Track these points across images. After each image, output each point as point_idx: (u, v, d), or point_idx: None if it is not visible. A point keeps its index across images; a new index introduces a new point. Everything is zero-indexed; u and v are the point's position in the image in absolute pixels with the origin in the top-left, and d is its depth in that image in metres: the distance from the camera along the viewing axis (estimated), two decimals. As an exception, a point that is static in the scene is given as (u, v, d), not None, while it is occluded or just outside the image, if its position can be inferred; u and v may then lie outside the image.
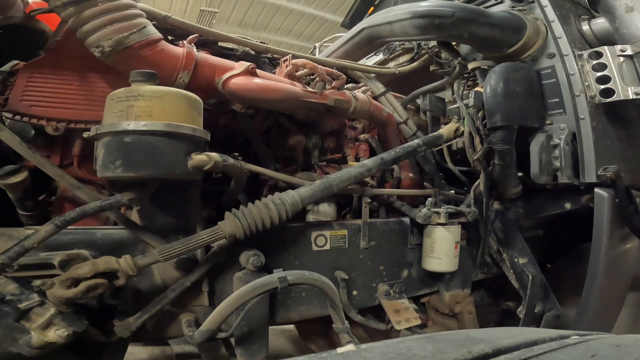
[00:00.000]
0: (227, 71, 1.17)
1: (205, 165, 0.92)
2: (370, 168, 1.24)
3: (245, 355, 1.04)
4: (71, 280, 0.81)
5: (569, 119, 1.39)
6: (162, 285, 1.02)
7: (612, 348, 0.44)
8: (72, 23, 0.97)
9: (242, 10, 7.81)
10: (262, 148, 1.40)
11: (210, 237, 0.94)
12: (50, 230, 0.83)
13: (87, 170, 1.14)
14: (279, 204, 1.04)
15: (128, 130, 0.87)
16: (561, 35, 1.43)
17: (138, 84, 0.91)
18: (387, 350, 0.43)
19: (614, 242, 1.35)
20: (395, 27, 1.50)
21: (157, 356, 2.14)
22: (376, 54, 2.06)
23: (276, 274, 0.98)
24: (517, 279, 1.50)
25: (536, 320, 1.46)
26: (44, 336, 0.78)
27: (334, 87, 1.40)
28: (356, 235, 1.31)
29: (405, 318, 1.29)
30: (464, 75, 1.68)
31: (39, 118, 1.05)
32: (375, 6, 3.07)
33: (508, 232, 1.56)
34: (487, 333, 0.50)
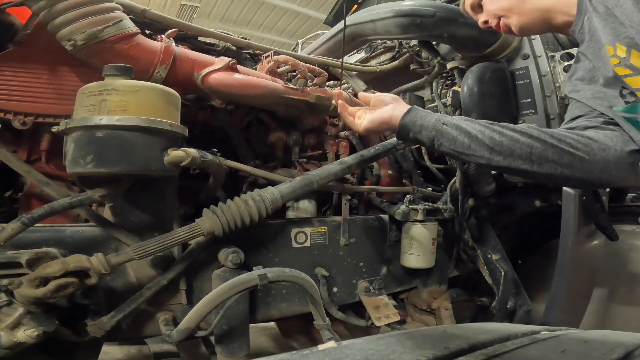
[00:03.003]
0: (207, 66, 1.15)
1: (183, 161, 0.90)
2: (350, 165, 1.24)
3: (225, 353, 1.03)
4: (40, 279, 0.78)
5: (540, 119, 1.44)
6: (137, 283, 1.00)
7: (580, 343, 0.46)
8: (44, 16, 0.93)
9: (224, 5, 7.68)
10: (242, 144, 1.38)
11: (188, 234, 0.92)
12: (16, 228, 0.79)
13: (56, 165, 1.09)
14: (259, 200, 1.03)
15: (100, 124, 0.84)
16: (536, 37, 1.48)
17: (112, 78, 0.88)
18: (367, 347, 0.43)
19: (580, 239, 1.41)
20: (378, 25, 1.51)
21: (133, 355, 2.09)
22: (358, 51, 2.07)
23: (256, 271, 0.97)
24: (491, 275, 1.55)
25: (508, 315, 1.51)
26: (12, 336, 0.75)
27: (316, 84, 1.39)
28: (336, 232, 1.32)
29: (385, 314, 1.31)
30: (443, 74, 1.71)
31: (5, 112, 1.01)
32: (358, 4, 3.09)
33: (482, 229, 1.61)
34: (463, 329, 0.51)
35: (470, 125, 0.89)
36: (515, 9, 1.00)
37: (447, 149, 0.91)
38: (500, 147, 0.85)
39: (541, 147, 0.83)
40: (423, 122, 0.93)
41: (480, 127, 0.88)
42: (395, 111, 0.98)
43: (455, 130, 0.89)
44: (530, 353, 0.42)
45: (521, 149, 0.84)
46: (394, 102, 1.01)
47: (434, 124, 0.92)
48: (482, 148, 0.86)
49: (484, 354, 0.41)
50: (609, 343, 0.46)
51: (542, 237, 1.83)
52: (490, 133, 0.86)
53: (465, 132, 0.88)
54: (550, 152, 0.83)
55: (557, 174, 0.83)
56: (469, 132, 0.88)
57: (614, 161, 0.82)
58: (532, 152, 0.83)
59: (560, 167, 0.83)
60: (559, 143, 0.83)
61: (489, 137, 0.86)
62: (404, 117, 0.95)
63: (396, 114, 0.97)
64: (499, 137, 0.86)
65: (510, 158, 0.85)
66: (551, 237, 1.71)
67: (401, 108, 0.98)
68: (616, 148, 0.83)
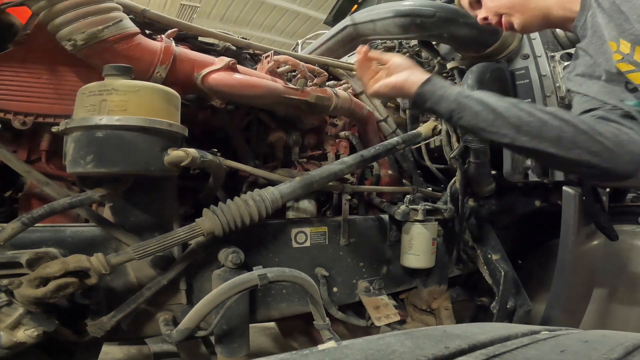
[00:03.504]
0: (207, 66, 1.15)
1: (183, 161, 0.90)
2: (350, 165, 1.24)
3: (225, 353, 1.03)
4: (40, 279, 0.78)
5: (541, 119, 1.43)
6: (137, 283, 1.00)
7: (580, 343, 0.46)
8: (44, 16, 0.93)
9: (225, 5, 7.68)
10: (242, 144, 1.38)
11: (188, 234, 0.92)
12: (16, 228, 0.79)
13: (56, 165, 1.09)
14: (259, 200, 1.03)
15: (100, 124, 0.84)
16: (535, 37, 1.48)
17: (112, 78, 0.88)
18: (367, 347, 0.43)
19: (581, 239, 1.41)
20: (378, 25, 1.51)
21: (133, 355, 2.09)
22: (358, 51, 2.07)
23: (256, 271, 0.97)
24: (491, 275, 1.55)
25: (508, 315, 1.51)
26: (12, 336, 0.75)
27: (316, 84, 1.39)
28: (336, 232, 1.32)
29: (385, 314, 1.31)
30: (443, 74, 1.71)
31: (6, 112, 1.01)
32: (358, 4, 3.08)
33: (482, 229, 1.61)
34: (463, 329, 0.51)
35: (497, 102, 0.85)
36: (518, 7, 0.98)
37: (468, 123, 0.87)
38: (527, 127, 0.81)
39: (572, 132, 0.80)
40: (444, 93, 0.89)
41: (507, 105, 0.84)
42: (412, 77, 0.94)
43: (479, 105, 0.85)
44: (530, 353, 0.42)
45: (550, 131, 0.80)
46: (410, 68, 0.97)
47: (456, 97, 0.88)
48: (508, 126, 0.82)
49: (484, 354, 0.41)
50: (609, 343, 0.46)
51: (542, 237, 1.83)
52: (517, 111, 0.82)
53: (490, 108, 0.84)
54: (582, 137, 0.79)
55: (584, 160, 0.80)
56: (494, 108, 0.84)
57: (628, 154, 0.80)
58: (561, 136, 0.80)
59: (588, 155, 0.80)
60: (590, 130, 0.80)
61: (517, 115, 0.82)
62: (422, 85, 0.91)
63: (413, 80, 0.93)
64: (527, 117, 0.81)
65: (537, 140, 0.81)
66: (551, 237, 1.71)
67: (418, 75, 0.93)
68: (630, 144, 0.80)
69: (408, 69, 0.96)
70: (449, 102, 0.88)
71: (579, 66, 0.95)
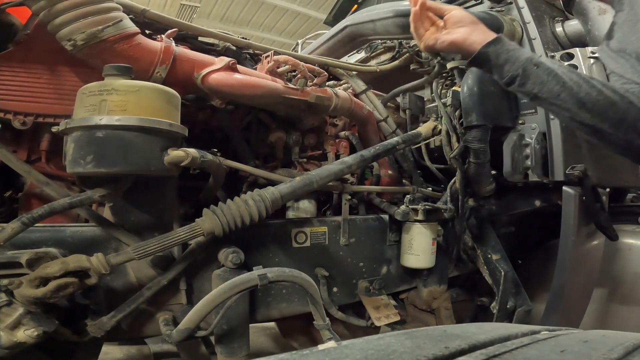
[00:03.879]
0: (207, 66, 1.15)
1: (183, 161, 0.90)
2: (350, 165, 1.24)
3: (225, 353, 1.03)
4: (40, 279, 0.78)
5: (540, 119, 1.43)
6: (137, 283, 1.00)
7: (580, 343, 0.46)
8: (44, 16, 0.93)
9: (224, 5, 7.67)
10: (242, 144, 1.38)
11: (188, 234, 0.92)
12: (16, 228, 0.79)
13: (56, 165, 1.09)
14: (259, 200, 1.03)
15: (100, 124, 0.84)
16: (536, 37, 1.48)
17: (112, 78, 0.88)
18: (367, 347, 0.43)
19: (581, 238, 1.41)
20: (377, 25, 1.51)
21: (133, 355, 2.09)
22: (358, 51, 2.07)
23: (256, 271, 0.97)
24: (491, 275, 1.55)
25: (508, 315, 1.51)
26: (12, 336, 0.75)
27: (316, 84, 1.39)
28: (336, 232, 1.32)
29: (385, 314, 1.31)
30: (443, 74, 1.71)
31: (6, 112, 1.01)
32: (358, 4, 3.08)
33: (482, 229, 1.61)
34: (463, 329, 0.51)
35: (567, 74, 0.83)
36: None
37: (529, 90, 0.86)
38: (593, 105, 0.79)
39: (636, 117, 0.78)
40: (510, 56, 0.87)
41: (577, 79, 0.82)
42: (474, 35, 0.91)
43: (548, 75, 0.83)
44: (530, 353, 0.42)
45: (616, 112, 0.79)
46: (473, 23, 0.93)
47: (524, 62, 0.85)
48: (573, 100, 0.81)
49: (484, 354, 0.41)
50: (609, 343, 0.46)
51: (542, 237, 1.83)
52: (587, 87, 0.80)
53: (558, 80, 0.82)
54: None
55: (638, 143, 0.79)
56: (563, 81, 0.82)
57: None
58: (625, 118, 0.79)
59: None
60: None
61: (586, 91, 0.80)
62: (487, 46, 0.89)
63: (475, 39, 0.90)
64: (596, 95, 0.80)
65: (598, 117, 0.80)
66: (551, 237, 1.71)
67: (482, 34, 0.91)
68: None
69: (470, 25, 0.92)
70: (514, 67, 0.86)
71: (613, 41, 0.90)
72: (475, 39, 0.90)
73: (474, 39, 0.90)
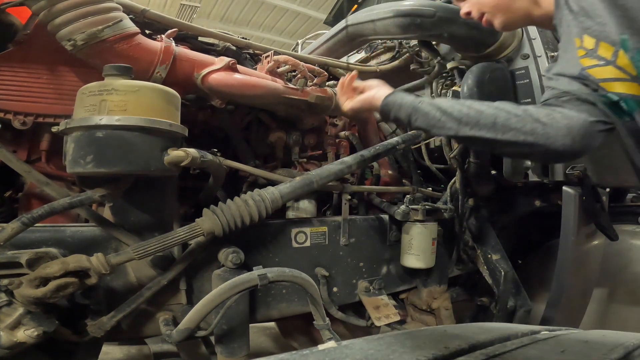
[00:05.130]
0: (207, 66, 1.15)
1: (183, 161, 0.90)
2: (350, 165, 1.24)
3: (225, 353, 1.03)
4: (40, 279, 0.77)
5: (540, 119, 1.43)
6: (137, 283, 1.00)
7: (580, 343, 0.46)
8: (44, 16, 0.93)
9: (224, 5, 7.67)
10: (242, 144, 1.38)
11: (188, 234, 0.92)
12: (16, 228, 0.79)
13: (56, 165, 1.09)
14: (259, 200, 1.03)
15: (100, 124, 0.84)
16: (536, 37, 1.48)
17: (112, 78, 0.88)
18: (367, 347, 0.43)
19: (581, 238, 1.41)
20: (377, 25, 1.51)
21: (133, 355, 2.09)
22: (358, 51, 2.07)
23: (256, 271, 0.97)
24: (491, 275, 1.55)
25: (508, 315, 1.51)
26: (12, 336, 0.75)
27: (316, 84, 1.39)
28: (336, 232, 1.32)
29: (384, 314, 1.31)
30: (443, 74, 1.71)
31: (6, 112, 1.01)
32: (358, 4, 3.08)
33: (482, 229, 1.61)
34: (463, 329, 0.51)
35: (443, 102, 0.98)
36: (502, 7, 1.03)
37: (421, 124, 0.99)
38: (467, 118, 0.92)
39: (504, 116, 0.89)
40: (402, 101, 1.02)
41: (451, 103, 0.97)
42: (378, 93, 1.08)
43: (430, 106, 0.98)
44: (530, 353, 0.42)
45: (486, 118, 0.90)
46: (379, 85, 1.11)
47: (411, 102, 1.01)
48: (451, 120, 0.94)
49: (484, 354, 0.41)
50: (609, 343, 0.46)
51: (542, 237, 1.83)
52: (459, 107, 0.94)
53: (437, 107, 0.96)
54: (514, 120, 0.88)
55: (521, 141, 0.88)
56: (440, 107, 0.96)
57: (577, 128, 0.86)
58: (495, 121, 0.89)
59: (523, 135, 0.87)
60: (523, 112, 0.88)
61: (458, 110, 0.94)
62: (386, 98, 1.05)
63: (379, 95, 1.07)
64: (466, 110, 0.93)
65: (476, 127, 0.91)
66: (551, 237, 1.71)
67: (384, 90, 1.08)
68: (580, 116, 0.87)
69: (377, 87, 1.10)
70: (406, 108, 1.01)
71: (556, 65, 0.99)
72: (379, 95, 1.07)
73: (378, 95, 1.07)
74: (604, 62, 0.85)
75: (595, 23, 0.85)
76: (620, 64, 0.83)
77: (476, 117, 0.91)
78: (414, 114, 0.99)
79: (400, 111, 1.02)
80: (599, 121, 0.88)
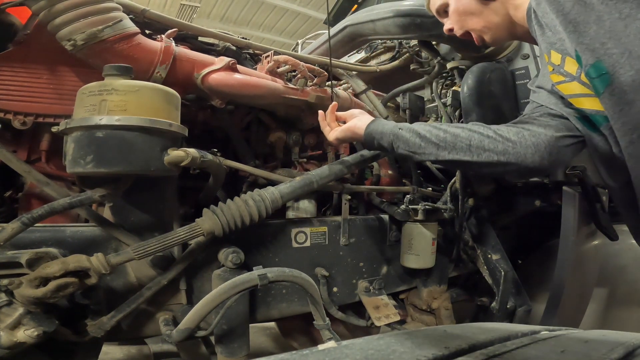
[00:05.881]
0: (207, 66, 1.15)
1: (183, 161, 0.90)
2: (350, 165, 1.24)
3: (225, 353, 1.03)
4: (40, 279, 0.77)
5: (541, 119, 1.43)
6: (137, 283, 1.00)
7: (580, 343, 0.46)
8: (44, 16, 0.92)
9: (224, 5, 7.67)
10: (242, 144, 1.38)
11: (188, 234, 0.92)
12: (16, 228, 0.79)
13: (56, 165, 1.09)
14: (259, 200, 1.03)
15: (100, 124, 0.84)
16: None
17: (112, 78, 0.88)
18: (367, 347, 0.43)
19: (581, 238, 1.41)
20: (377, 25, 1.51)
21: (133, 355, 2.09)
22: (358, 51, 2.07)
23: (256, 271, 0.97)
24: (491, 275, 1.55)
25: (508, 315, 1.51)
26: (12, 336, 0.75)
27: (316, 84, 1.39)
28: (336, 232, 1.32)
29: (384, 314, 1.31)
30: (443, 74, 1.71)
31: (6, 112, 1.01)
32: (358, 4, 3.08)
33: (482, 229, 1.61)
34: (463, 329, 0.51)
35: (421, 127, 0.99)
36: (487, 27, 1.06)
37: (404, 150, 1.00)
38: (444, 143, 0.94)
39: (478, 138, 0.91)
40: (383, 129, 1.02)
41: (429, 128, 0.98)
42: (360, 122, 1.08)
43: (409, 132, 0.99)
44: (530, 353, 0.42)
45: (462, 141, 0.93)
46: (360, 114, 1.11)
47: (392, 129, 1.01)
48: (431, 145, 0.96)
49: (484, 354, 0.41)
50: (609, 343, 0.46)
51: (542, 237, 1.83)
52: (436, 132, 0.96)
53: (416, 133, 0.98)
54: (486, 141, 0.91)
55: (495, 161, 0.91)
56: (419, 133, 0.97)
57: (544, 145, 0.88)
58: (470, 144, 0.91)
59: (496, 155, 0.90)
60: (494, 134, 0.91)
61: (436, 135, 0.95)
62: (367, 127, 1.05)
63: (360, 125, 1.07)
64: (443, 134, 0.95)
65: (453, 151, 0.93)
66: (551, 237, 1.71)
67: (365, 119, 1.08)
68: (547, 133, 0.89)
69: (358, 116, 1.11)
70: (387, 136, 1.01)
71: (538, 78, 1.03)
72: (361, 124, 1.07)
73: (360, 124, 1.07)
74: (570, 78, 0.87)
75: (557, 39, 0.85)
76: (584, 80, 0.83)
77: (452, 141, 0.93)
78: (396, 141, 1.00)
79: (382, 139, 1.03)
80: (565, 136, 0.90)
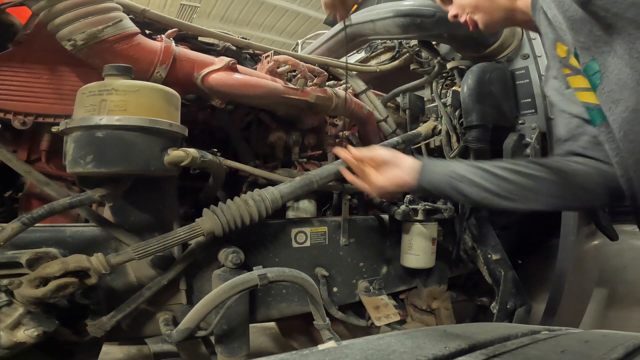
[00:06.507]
0: (207, 66, 1.15)
1: (183, 161, 0.90)
2: (350, 165, 1.24)
3: (225, 353, 1.03)
4: (40, 279, 0.77)
5: (540, 118, 1.44)
6: (137, 283, 1.00)
7: (580, 343, 0.46)
8: (44, 16, 0.93)
9: (224, 5, 7.67)
10: (242, 144, 1.38)
11: (188, 234, 0.92)
12: (16, 228, 0.79)
13: (56, 165, 1.09)
14: (259, 200, 1.03)
15: (100, 124, 0.84)
16: (536, 37, 1.48)
17: (112, 78, 0.88)
18: (367, 347, 0.43)
19: (581, 238, 1.41)
20: (377, 25, 1.51)
21: (133, 355, 2.09)
22: (358, 51, 2.07)
23: (256, 271, 0.97)
24: (491, 275, 1.55)
25: (508, 315, 1.51)
26: (12, 336, 0.75)
27: (316, 84, 1.39)
28: (336, 232, 1.32)
29: (384, 314, 1.31)
30: (443, 74, 1.71)
31: (6, 112, 1.01)
32: (358, 4, 3.08)
33: (482, 229, 1.60)
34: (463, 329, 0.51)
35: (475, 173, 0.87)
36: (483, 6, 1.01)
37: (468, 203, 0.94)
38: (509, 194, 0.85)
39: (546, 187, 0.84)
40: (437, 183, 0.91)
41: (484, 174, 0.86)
42: (403, 173, 0.94)
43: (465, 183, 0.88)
44: (530, 353, 0.42)
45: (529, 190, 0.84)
46: (394, 159, 0.97)
47: (448, 182, 0.90)
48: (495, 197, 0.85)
49: (484, 354, 0.41)
50: (609, 343, 0.46)
51: (542, 237, 1.83)
52: (496, 181, 0.85)
53: (473, 183, 0.87)
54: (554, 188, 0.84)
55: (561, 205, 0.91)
56: (474, 182, 0.86)
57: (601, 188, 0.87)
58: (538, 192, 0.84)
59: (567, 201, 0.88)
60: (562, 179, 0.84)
61: (496, 184, 0.85)
62: (420, 181, 0.93)
63: (409, 179, 0.93)
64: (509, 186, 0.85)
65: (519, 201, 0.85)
66: (551, 237, 1.71)
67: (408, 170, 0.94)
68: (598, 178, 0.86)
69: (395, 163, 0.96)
70: (446, 190, 0.91)
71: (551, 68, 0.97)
72: (408, 178, 0.93)
73: (407, 178, 0.94)
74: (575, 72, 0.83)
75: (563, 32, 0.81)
76: None
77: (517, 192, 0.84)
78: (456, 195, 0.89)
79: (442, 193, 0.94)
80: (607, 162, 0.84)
